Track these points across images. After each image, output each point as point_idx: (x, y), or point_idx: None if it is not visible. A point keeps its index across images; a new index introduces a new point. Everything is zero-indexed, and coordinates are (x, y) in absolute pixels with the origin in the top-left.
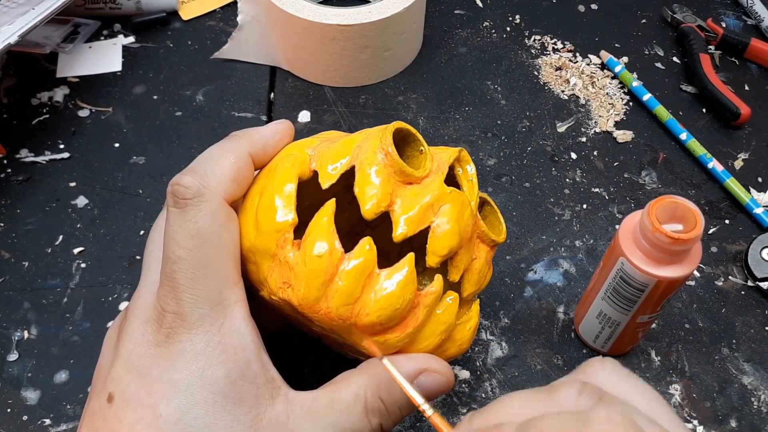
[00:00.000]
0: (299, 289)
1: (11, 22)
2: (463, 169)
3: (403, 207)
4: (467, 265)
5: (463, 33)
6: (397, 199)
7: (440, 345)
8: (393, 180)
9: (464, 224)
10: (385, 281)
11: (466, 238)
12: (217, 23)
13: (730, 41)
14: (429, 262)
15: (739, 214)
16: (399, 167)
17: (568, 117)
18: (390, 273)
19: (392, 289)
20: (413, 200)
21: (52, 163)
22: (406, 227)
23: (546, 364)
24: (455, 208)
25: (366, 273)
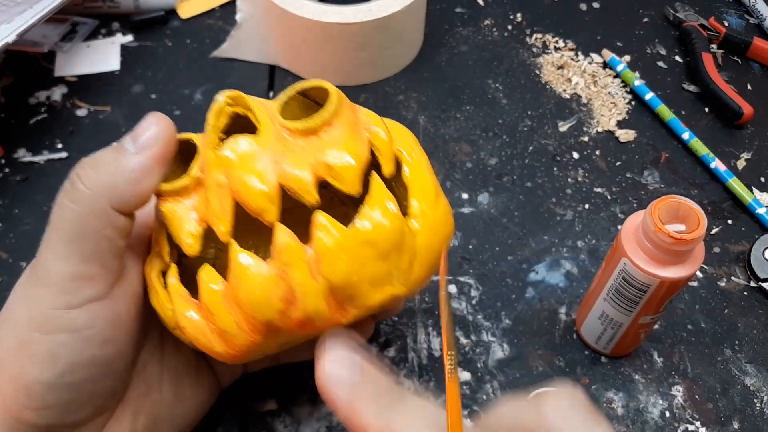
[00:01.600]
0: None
1: (9, 21)
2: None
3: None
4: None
5: (464, 31)
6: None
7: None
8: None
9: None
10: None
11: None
12: (216, 22)
13: (732, 40)
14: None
15: (741, 215)
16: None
17: (570, 116)
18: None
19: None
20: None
21: (50, 163)
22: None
23: (548, 365)
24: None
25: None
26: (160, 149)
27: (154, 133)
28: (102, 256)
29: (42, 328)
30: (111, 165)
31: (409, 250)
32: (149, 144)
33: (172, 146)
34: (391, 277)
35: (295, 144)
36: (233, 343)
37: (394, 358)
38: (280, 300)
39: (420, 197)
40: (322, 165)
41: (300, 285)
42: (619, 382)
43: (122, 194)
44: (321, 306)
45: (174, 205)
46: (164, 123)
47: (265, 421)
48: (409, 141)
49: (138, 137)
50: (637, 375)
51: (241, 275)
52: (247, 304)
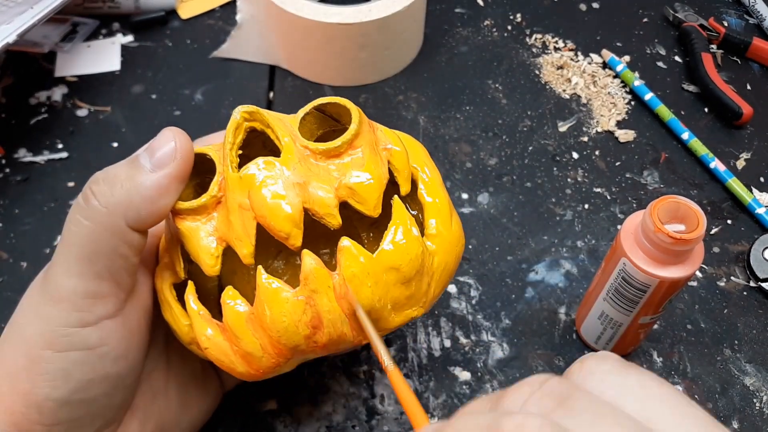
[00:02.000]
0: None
1: (9, 21)
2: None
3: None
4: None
5: (464, 32)
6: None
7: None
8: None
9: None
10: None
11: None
12: (216, 22)
13: (732, 40)
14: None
15: (741, 215)
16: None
17: (570, 116)
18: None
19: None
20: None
21: (51, 163)
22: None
23: (547, 365)
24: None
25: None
26: (177, 167)
27: (171, 150)
28: (115, 273)
29: (54, 346)
30: (126, 182)
31: (428, 273)
32: (166, 161)
33: (190, 164)
34: (412, 300)
35: (318, 166)
36: (257, 365)
37: (394, 358)
38: (307, 326)
39: (436, 216)
40: (345, 187)
41: (327, 312)
42: None
43: (138, 212)
44: (346, 330)
45: (192, 224)
46: (182, 139)
47: (266, 421)
48: (423, 157)
49: (154, 152)
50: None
51: (269, 301)
52: (274, 330)
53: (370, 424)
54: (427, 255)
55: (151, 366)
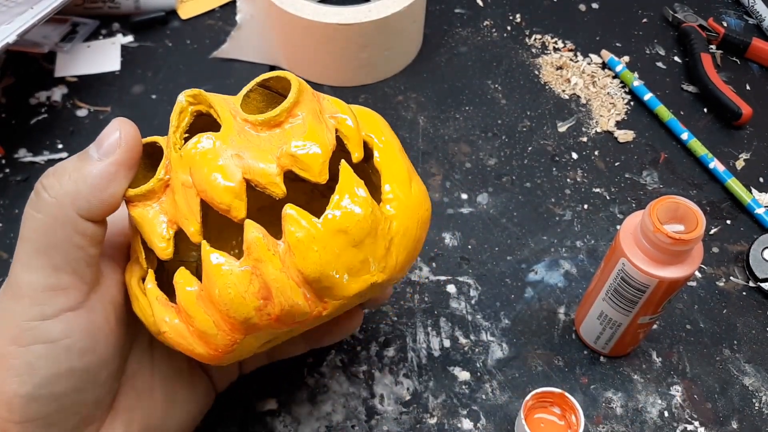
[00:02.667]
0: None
1: (9, 22)
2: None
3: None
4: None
5: (464, 32)
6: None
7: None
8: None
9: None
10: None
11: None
12: (216, 22)
13: (731, 41)
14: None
15: (740, 215)
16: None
17: (569, 117)
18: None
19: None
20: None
21: (51, 163)
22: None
23: (547, 365)
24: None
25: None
26: (123, 154)
27: (117, 138)
28: (73, 265)
29: (17, 341)
30: (74, 173)
31: (384, 236)
32: (112, 149)
33: (137, 151)
34: (368, 264)
35: (259, 137)
36: (214, 343)
37: (393, 358)
38: (255, 297)
39: (392, 181)
40: (287, 156)
41: (274, 280)
42: (618, 381)
43: (87, 201)
44: (298, 299)
45: (143, 210)
46: (127, 127)
47: (265, 421)
48: (379, 125)
49: (101, 144)
50: (635, 375)
51: (214, 275)
52: (222, 303)
53: (370, 424)
54: (381, 218)
55: (134, 366)
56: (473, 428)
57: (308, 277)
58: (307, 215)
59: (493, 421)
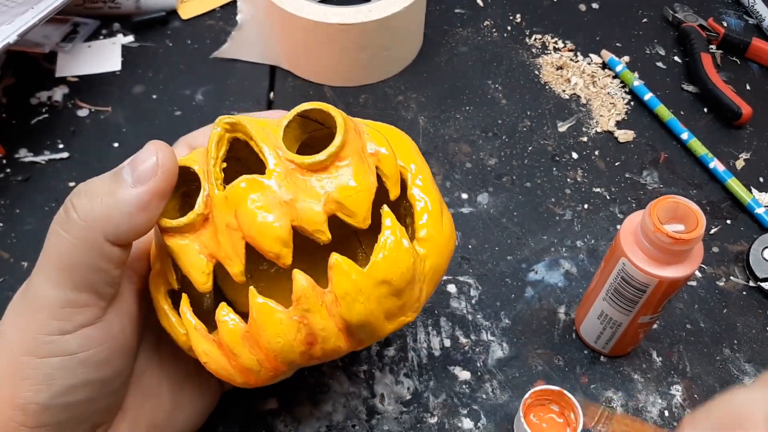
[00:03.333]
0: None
1: (10, 22)
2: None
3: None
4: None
5: (464, 32)
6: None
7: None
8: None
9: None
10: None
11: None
12: (217, 22)
13: (731, 41)
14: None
15: (740, 214)
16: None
17: (569, 116)
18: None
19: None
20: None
21: (52, 163)
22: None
23: (547, 365)
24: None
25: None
26: (159, 183)
27: (153, 164)
28: (95, 285)
29: (35, 353)
30: (107, 197)
31: (420, 279)
32: (147, 176)
33: (173, 179)
34: (405, 309)
35: (305, 181)
36: (256, 378)
37: (394, 357)
38: (301, 343)
39: (426, 219)
40: (333, 202)
41: (321, 329)
42: (618, 381)
43: (117, 228)
44: (340, 343)
45: (181, 241)
46: (165, 153)
47: (266, 421)
48: (411, 152)
49: (136, 167)
50: (636, 374)
51: (264, 322)
52: (271, 349)
53: (370, 424)
54: (418, 262)
55: (142, 367)
56: (473, 428)
57: (352, 326)
58: (354, 265)
59: (494, 421)
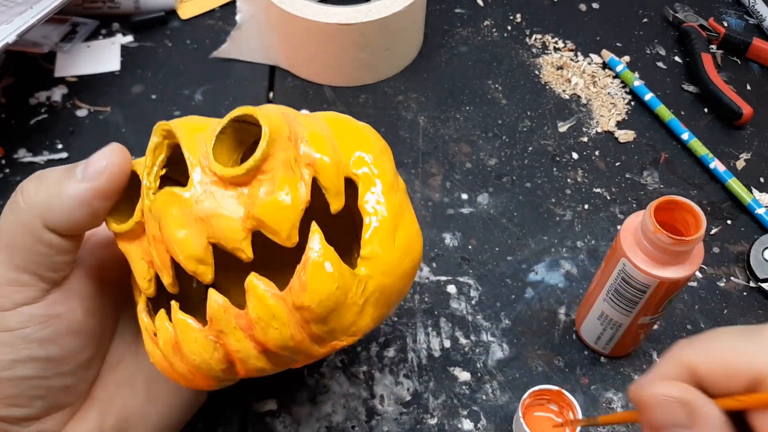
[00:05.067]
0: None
1: (9, 22)
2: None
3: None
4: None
5: (464, 32)
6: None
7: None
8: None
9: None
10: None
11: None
12: (216, 22)
13: (732, 41)
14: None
15: (741, 215)
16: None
17: (570, 117)
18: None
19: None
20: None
21: (51, 164)
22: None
23: (547, 365)
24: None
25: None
26: (103, 183)
27: (102, 166)
28: (35, 268)
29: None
30: (53, 186)
31: (355, 302)
32: (94, 176)
33: (119, 182)
34: (335, 333)
35: (225, 195)
36: (194, 384)
37: (393, 358)
38: (220, 362)
39: (374, 236)
40: (253, 218)
41: (236, 351)
42: (619, 382)
43: (57, 217)
44: (263, 365)
45: (128, 246)
46: (117, 156)
47: (265, 422)
48: (372, 153)
49: (89, 165)
50: (636, 375)
51: (183, 338)
52: (191, 364)
53: (370, 425)
54: (353, 283)
55: (116, 358)
56: (473, 429)
57: (270, 350)
58: (269, 289)
59: (494, 422)
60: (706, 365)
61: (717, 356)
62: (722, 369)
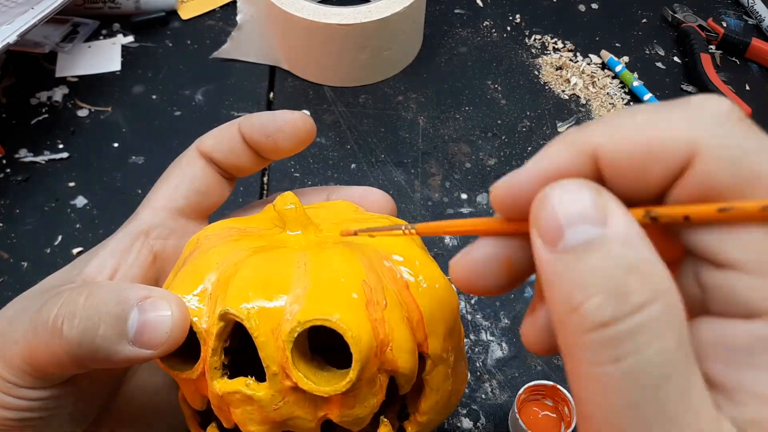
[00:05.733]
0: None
1: (10, 22)
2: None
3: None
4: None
5: (464, 32)
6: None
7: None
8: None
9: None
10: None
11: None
12: (217, 23)
13: (730, 41)
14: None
15: None
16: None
17: (569, 117)
18: None
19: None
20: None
21: (51, 163)
22: None
23: (546, 365)
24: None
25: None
26: (157, 354)
27: (159, 337)
28: (44, 376)
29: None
30: (100, 339)
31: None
32: (148, 345)
33: (172, 348)
34: None
35: (303, 398)
36: None
37: None
38: None
39: (430, 407)
40: (329, 418)
41: None
42: None
43: (94, 365)
44: None
45: (180, 378)
46: (179, 326)
47: None
48: (448, 323)
49: (145, 328)
50: None
51: None
52: None
53: None
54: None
55: (111, 426)
56: (473, 427)
57: None
58: None
59: (493, 421)
60: (614, 148)
61: (631, 135)
62: (639, 151)
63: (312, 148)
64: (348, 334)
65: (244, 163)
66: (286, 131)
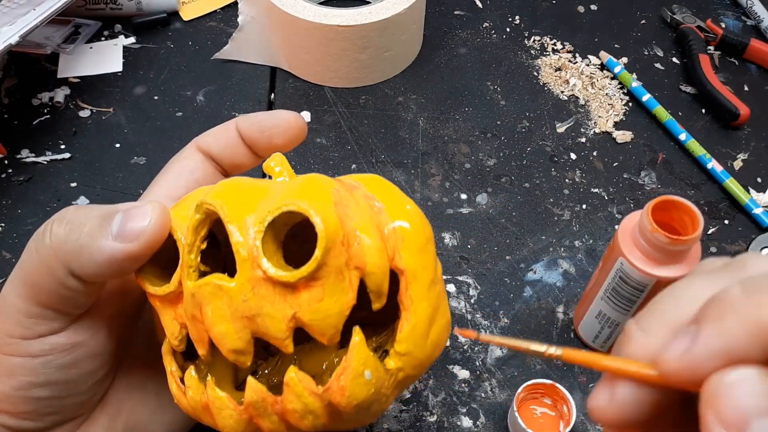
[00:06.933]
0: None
1: (12, 23)
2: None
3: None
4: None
5: (463, 34)
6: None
7: None
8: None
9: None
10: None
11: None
12: (218, 24)
13: (729, 42)
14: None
15: (738, 215)
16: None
17: (568, 117)
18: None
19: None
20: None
21: (53, 164)
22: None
23: (545, 364)
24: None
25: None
26: (138, 247)
27: (141, 228)
28: (57, 305)
29: (0, 349)
30: (84, 237)
31: (384, 394)
32: (130, 237)
33: (156, 246)
34: (362, 420)
35: (272, 292)
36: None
37: None
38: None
39: (410, 333)
40: (299, 320)
41: (268, 428)
42: None
43: (82, 269)
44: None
45: (159, 304)
46: (157, 220)
47: None
48: (422, 246)
49: (126, 222)
50: None
51: (217, 410)
52: (220, 425)
53: None
54: (385, 381)
55: (130, 361)
56: (472, 426)
57: (301, 431)
58: (308, 386)
59: (492, 419)
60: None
61: None
62: None
63: (312, 148)
64: (313, 218)
65: (240, 159)
66: (281, 128)
